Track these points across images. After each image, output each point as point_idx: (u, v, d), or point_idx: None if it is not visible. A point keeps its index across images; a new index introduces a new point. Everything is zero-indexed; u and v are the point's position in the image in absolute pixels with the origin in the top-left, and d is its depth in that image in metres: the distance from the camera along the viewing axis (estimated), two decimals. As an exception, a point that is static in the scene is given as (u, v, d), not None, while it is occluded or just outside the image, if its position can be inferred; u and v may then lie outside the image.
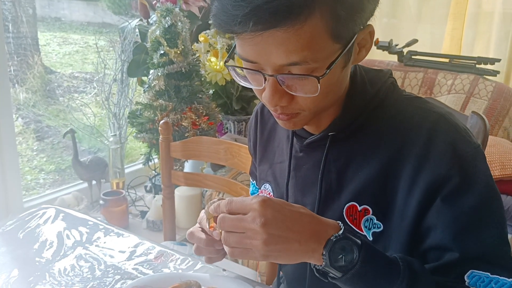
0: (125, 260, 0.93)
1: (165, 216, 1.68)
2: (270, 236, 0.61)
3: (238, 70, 0.71)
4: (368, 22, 0.70)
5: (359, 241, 0.63)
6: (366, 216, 0.76)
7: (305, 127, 0.82)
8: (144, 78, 2.16)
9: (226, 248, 0.66)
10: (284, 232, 0.62)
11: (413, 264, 0.66)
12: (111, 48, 2.30)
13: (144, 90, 2.03)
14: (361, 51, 0.72)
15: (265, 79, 0.66)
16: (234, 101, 2.30)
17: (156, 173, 2.20)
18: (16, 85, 3.31)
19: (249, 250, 0.64)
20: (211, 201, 0.71)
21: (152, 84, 1.97)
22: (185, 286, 0.76)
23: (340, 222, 0.66)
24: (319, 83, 0.64)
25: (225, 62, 0.73)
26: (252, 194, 1.10)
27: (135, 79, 2.25)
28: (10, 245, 0.98)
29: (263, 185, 0.95)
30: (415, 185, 0.71)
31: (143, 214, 2.02)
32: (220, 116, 2.23)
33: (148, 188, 2.25)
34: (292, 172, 0.86)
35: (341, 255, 0.62)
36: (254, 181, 1.05)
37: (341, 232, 0.64)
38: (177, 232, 1.76)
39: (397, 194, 0.73)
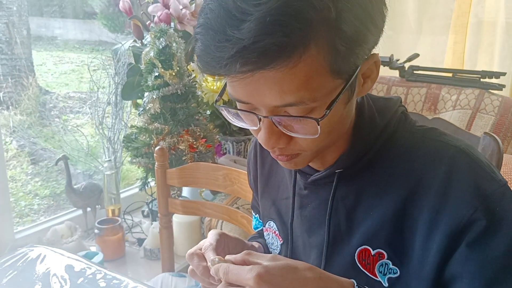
0: (117, 310, 0.86)
1: (163, 246, 1.60)
2: None
3: (230, 109, 0.65)
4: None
5: None
6: (381, 261, 0.69)
7: (310, 164, 0.75)
8: (139, 101, 2.10)
9: None
10: None
11: None
12: (107, 66, 2.24)
13: (139, 113, 1.96)
14: (366, 82, 0.65)
15: (260, 120, 0.60)
16: (232, 122, 2.23)
17: (153, 198, 2.12)
18: (11, 107, 3.25)
19: None
20: (212, 259, 0.65)
21: (147, 107, 1.91)
22: None
23: (355, 283, 0.58)
24: (318, 125, 0.58)
25: (216, 101, 0.67)
26: (255, 228, 1.03)
27: (129, 101, 2.18)
28: (-7, 295, 0.91)
29: (268, 223, 0.88)
30: (435, 228, 0.64)
31: (140, 241, 1.94)
32: (218, 137, 2.17)
33: (145, 213, 2.17)
34: (296, 211, 0.79)
35: None
36: (257, 215, 0.98)
37: None
38: (176, 260, 1.68)
39: (414, 237, 0.66)
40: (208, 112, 2.21)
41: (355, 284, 0.58)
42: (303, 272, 0.57)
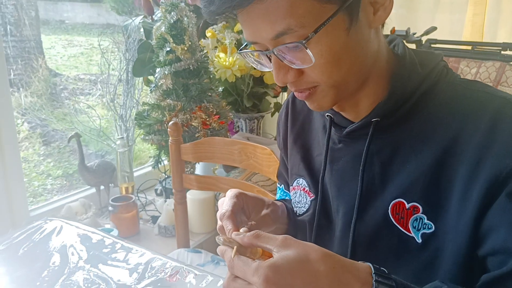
0: (136, 280, 0.84)
1: (178, 222, 1.59)
2: None
3: (250, 55, 0.68)
4: None
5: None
6: (415, 215, 0.66)
7: (344, 114, 0.73)
8: (150, 78, 2.07)
9: None
10: None
11: None
12: (115, 49, 2.21)
13: (150, 90, 1.93)
14: (378, 10, 0.63)
15: (270, 59, 0.64)
16: (245, 98, 2.20)
17: (166, 176, 2.11)
18: (21, 89, 3.24)
19: None
20: (217, 237, 0.62)
21: (159, 83, 1.88)
22: (205, 312, 0.66)
23: (372, 270, 0.54)
24: (306, 48, 0.59)
25: (240, 50, 0.69)
26: (279, 199, 1.00)
27: (141, 79, 2.15)
28: (10, 265, 0.89)
29: (296, 180, 0.85)
30: (475, 179, 0.61)
31: (154, 219, 1.93)
32: (231, 114, 2.13)
33: (158, 192, 2.16)
34: (328, 165, 0.77)
35: None
36: (282, 185, 0.95)
37: (374, 277, 0.52)
38: (190, 237, 1.67)
39: (452, 190, 0.63)
40: (221, 89, 2.18)
41: (372, 271, 0.53)
42: (315, 265, 0.52)
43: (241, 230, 0.62)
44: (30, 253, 0.93)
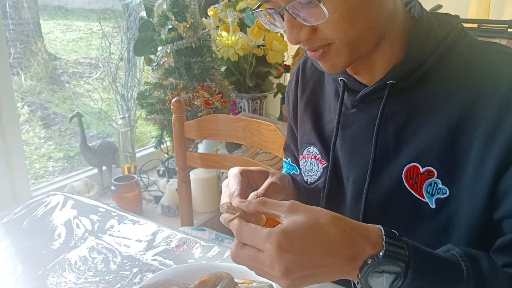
0: (143, 250, 0.83)
1: (181, 200, 1.58)
2: (294, 280, 0.51)
3: (262, 15, 0.66)
4: None
5: (405, 255, 0.51)
6: (430, 180, 0.65)
7: (358, 78, 0.72)
8: (152, 57, 2.04)
9: None
10: (310, 270, 0.51)
11: (480, 263, 0.53)
12: (116, 29, 2.18)
13: (152, 69, 1.91)
14: None
15: (283, 18, 0.63)
16: (248, 78, 2.17)
17: (169, 156, 2.09)
18: (20, 72, 3.21)
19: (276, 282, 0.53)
20: (220, 204, 0.60)
21: (161, 62, 1.85)
22: (215, 279, 0.65)
23: (383, 232, 0.53)
24: (320, 2, 0.58)
25: (253, 10, 0.66)
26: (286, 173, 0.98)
27: (142, 58, 2.13)
28: (15, 237, 0.88)
29: (306, 149, 0.83)
30: (492, 143, 0.59)
31: (157, 199, 1.92)
32: (234, 94, 2.11)
33: (161, 172, 2.15)
34: (340, 131, 0.75)
35: (381, 278, 0.51)
36: (289, 159, 0.93)
37: (381, 253, 0.50)
38: (194, 217, 1.66)
39: (469, 154, 0.62)
40: (223, 69, 2.16)
41: (383, 233, 0.52)
42: (327, 228, 0.51)
43: (248, 198, 0.61)
44: (34, 226, 0.92)
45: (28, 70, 3.32)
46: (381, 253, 0.50)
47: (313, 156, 0.82)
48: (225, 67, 2.15)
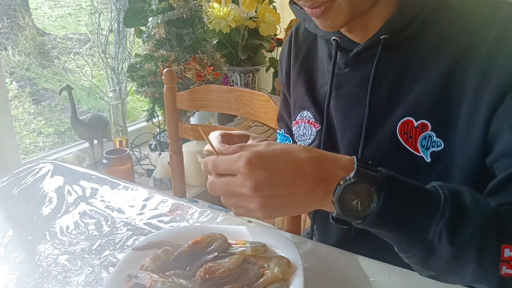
0: (136, 215, 0.82)
1: (174, 173, 1.57)
2: (265, 199, 0.51)
3: None
4: None
5: (378, 177, 0.50)
6: (424, 133, 0.65)
7: (351, 36, 0.71)
8: (143, 28, 2.01)
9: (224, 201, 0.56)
10: (281, 189, 0.51)
11: (461, 195, 0.51)
12: (105, 5, 2.13)
13: (143, 40, 1.88)
14: None
15: None
16: (240, 51, 2.15)
17: (160, 130, 2.08)
18: (8, 47, 3.15)
19: (251, 210, 0.53)
20: (199, 152, 0.61)
21: (152, 33, 1.82)
22: (209, 240, 0.65)
23: (355, 158, 0.52)
24: None
25: None
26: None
27: (132, 30, 2.09)
28: (4, 203, 0.87)
29: (300, 114, 0.83)
30: (484, 89, 0.60)
31: (149, 172, 1.91)
32: (226, 67, 2.09)
33: (152, 147, 2.13)
34: (333, 92, 0.74)
35: (355, 201, 0.50)
36: (282, 130, 0.93)
37: (352, 173, 0.50)
38: (187, 190, 1.65)
39: (461, 103, 0.62)
40: (215, 42, 2.12)
41: (355, 159, 0.52)
42: (298, 153, 0.52)
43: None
44: (24, 193, 0.91)
45: (16, 45, 3.26)
46: (352, 174, 0.50)
47: (306, 121, 0.81)
48: (217, 40, 2.13)
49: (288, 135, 0.91)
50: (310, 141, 0.81)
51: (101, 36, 1.98)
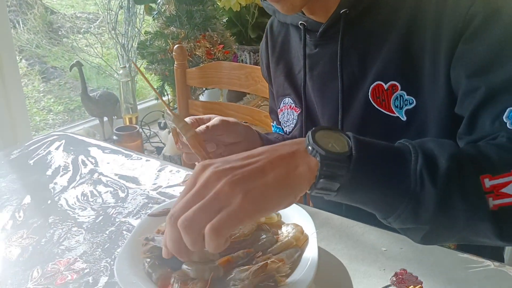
0: (150, 185, 0.83)
1: (184, 150, 1.58)
2: (237, 184, 0.43)
3: None
4: None
5: (346, 136, 0.48)
6: (395, 94, 0.68)
7: (315, 18, 0.74)
8: (153, 5, 2.00)
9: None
10: (248, 161, 0.46)
11: (425, 142, 0.51)
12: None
13: (153, 17, 1.87)
14: None
15: None
16: (250, 29, 2.14)
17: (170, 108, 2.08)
18: (17, 25, 3.15)
19: (231, 214, 0.43)
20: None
21: (162, 10, 1.81)
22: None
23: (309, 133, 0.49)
24: None
25: None
26: None
27: (142, 7, 2.08)
28: (21, 172, 0.89)
29: (282, 101, 0.86)
30: (438, 39, 0.63)
31: (158, 150, 1.93)
32: (235, 46, 2.08)
33: (162, 125, 2.14)
34: (308, 73, 0.78)
35: (330, 144, 0.46)
36: (274, 122, 0.95)
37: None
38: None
39: (424, 58, 0.65)
40: (225, 20, 2.11)
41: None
42: (255, 149, 0.48)
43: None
44: (39, 163, 0.92)
45: (25, 23, 3.26)
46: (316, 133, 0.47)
47: (288, 107, 0.85)
48: (227, 18, 2.12)
49: (280, 127, 0.93)
50: (293, 125, 0.84)
51: (111, 13, 1.97)
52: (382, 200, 0.49)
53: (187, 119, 0.73)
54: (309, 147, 0.46)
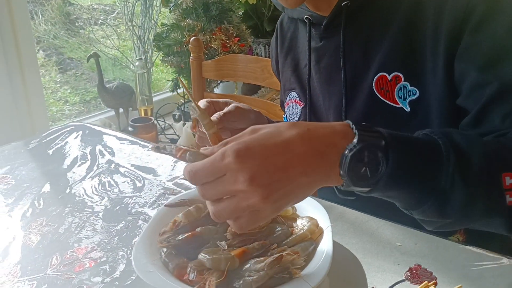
0: (167, 175, 0.84)
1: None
2: (265, 189, 0.44)
3: None
4: None
5: (380, 138, 0.47)
6: (399, 85, 0.69)
7: (321, 13, 0.75)
8: (169, -3, 2.01)
9: (229, 222, 0.48)
10: (280, 174, 0.44)
11: (451, 134, 0.51)
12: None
13: (170, 9, 1.88)
14: None
15: None
16: (266, 22, 2.13)
17: (185, 101, 2.09)
18: (35, 16, 3.18)
19: (254, 213, 0.45)
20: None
21: (179, 2, 1.82)
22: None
23: (350, 122, 0.48)
24: None
25: None
26: None
27: (159, 0, 2.09)
28: (40, 161, 0.90)
29: (288, 95, 0.88)
30: (439, 30, 0.63)
31: (173, 142, 1.94)
32: (251, 39, 2.08)
33: (176, 117, 2.16)
34: (315, 66, 0.79)
35: (364, 168, 0.46)
36: (285, 115, 0.95)
37: (355, 140, 0.46)
38: (210, 159, 1.67)
39: (425, 48, 0.66)
40: (241, 13, 2.11)
41: (351, 123, 0.48)
42: (286, 131, 0.46)
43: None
44: (58, 152, 0.94)
45: (43, 14, 3.29)
46: (355, 140, 0.46)
47: (293, 100, 0.86)
48: (243, 10, 2.11)
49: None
50: (297, 119, 0.85)
51: (128, 5, 1.98)
52: (409, 196, 0.49)
53: (203, 101, 0.75)
54: (341, 172, 0.46)
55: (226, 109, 0.74)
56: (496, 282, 0.56)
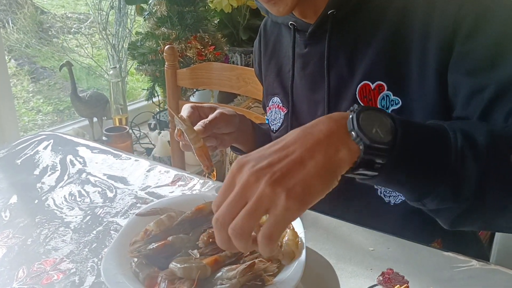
0: (139, 185, 0.83)
1: (174, 151, 1.57)
2: (278, 178, 0.42)
3: None
4: None
5: (385, 112, 0.47)
6: (382, 94, 0.69)
7: (307, 21, 0.75)
8: (144, 6, 1.99)
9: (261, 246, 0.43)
10: (286, 151, 0.44)
11: (455, 122, 0.52)
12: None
13: (144, 18, 1.87)
14: None
15: None
16: (241, 31, 2.14)
17: (160, 109, 2.08)
18: (6, 25, 3.12)
19: (278, 218, 0.41)
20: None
21: (153, 10, 1.81)
22: (211, 207, 0.65)
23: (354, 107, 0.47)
24: None
25: None
26: None
27: (133, 7, 2.07)
28: (7, 172, 0.88)
29: (271, 100, 0.87)
30: (428, 40, 0.63)
31: (148, 151, 1.92)
32: (226, 48, 2.08)
33: (152, 126, 2.13)
34: (300, 73, 0.79)
35: (374, 129, 0.45)
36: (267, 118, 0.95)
37: (355, 106, 0.46)
38: (186, 168, 1.66)
39: (410, 58, 0.65)
40: (216, 22, 2.11)
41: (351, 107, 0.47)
42: (287, 135, 0.46)
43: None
44: (27, 162, 0.91)
45: (15, 23, 3.22)
46: (355, 106, 0.46)
47: (276, 106, 0.86)
48: (218, 19, 2.11)
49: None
50: (279, 124, 0.85)
51: (102, 13, 1.96)
52: (421, 181, 0.49)
53: (188, 106, 0.75)
54: (353, 133, 0.44)
55: (210, 117, 0.74)
56: (467, 285, 0.57)
